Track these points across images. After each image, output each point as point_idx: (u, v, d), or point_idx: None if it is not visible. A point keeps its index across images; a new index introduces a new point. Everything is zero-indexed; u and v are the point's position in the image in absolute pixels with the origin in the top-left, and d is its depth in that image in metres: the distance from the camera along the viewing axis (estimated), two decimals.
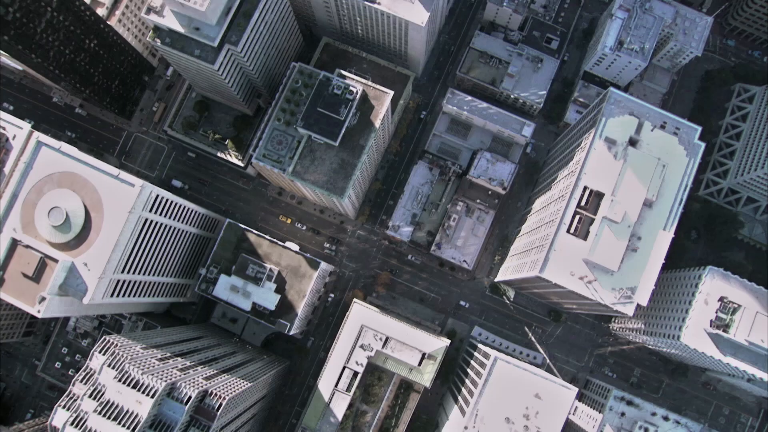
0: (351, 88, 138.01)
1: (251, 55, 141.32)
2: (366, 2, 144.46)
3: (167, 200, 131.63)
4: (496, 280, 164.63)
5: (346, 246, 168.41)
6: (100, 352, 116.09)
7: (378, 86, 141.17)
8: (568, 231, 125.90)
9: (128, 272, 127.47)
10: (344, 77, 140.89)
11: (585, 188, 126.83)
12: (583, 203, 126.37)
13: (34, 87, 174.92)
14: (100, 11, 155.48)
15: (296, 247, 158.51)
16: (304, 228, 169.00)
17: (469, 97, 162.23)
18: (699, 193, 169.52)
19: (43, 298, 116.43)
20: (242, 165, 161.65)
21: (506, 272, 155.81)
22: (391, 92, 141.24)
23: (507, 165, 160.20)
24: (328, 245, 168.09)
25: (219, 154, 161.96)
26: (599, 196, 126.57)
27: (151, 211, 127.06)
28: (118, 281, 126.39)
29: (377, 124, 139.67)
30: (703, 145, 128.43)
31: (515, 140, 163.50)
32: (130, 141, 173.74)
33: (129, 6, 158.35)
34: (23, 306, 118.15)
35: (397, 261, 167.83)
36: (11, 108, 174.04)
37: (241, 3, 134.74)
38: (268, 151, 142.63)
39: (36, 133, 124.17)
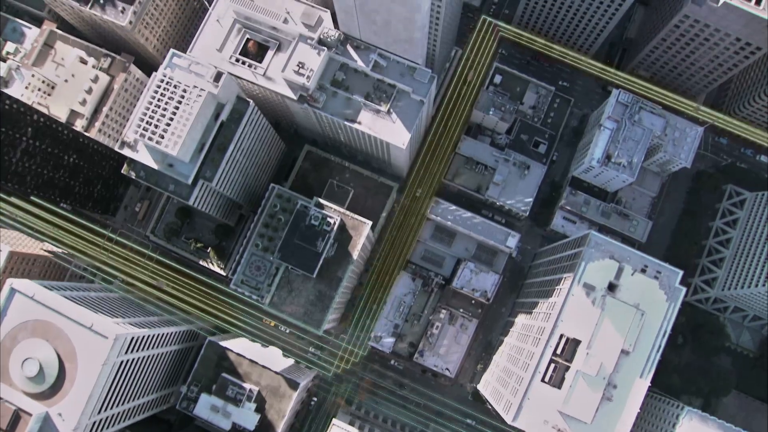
0: (328, 219, 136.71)
1: (228, 184, 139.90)
2: (346, 122, 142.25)
3: (144, 337, 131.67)
4: (478, 387, 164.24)
5: (329, 350, 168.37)
6: None
7: (356, 216, 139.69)
8: (542, 380, 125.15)
9: (105, 410, 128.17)
10: (321, 207, 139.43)
11: (561, 336, 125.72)
12: (559, 351, 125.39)
13: None
14: (80, 122, 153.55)
15: (279, 353, 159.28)
16: (288, 331, 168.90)
17: (453, 207, 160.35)
18: (686, 299, 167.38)
19: None
20: (224, 274, 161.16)
21: (487, 387, 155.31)
22: (369, 222, 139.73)
23: (490, 276, 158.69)
24: (312, 350, 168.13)
25: (201, 262, 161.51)
26: (576, 342, 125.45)
27: (127, 352, 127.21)
28: (95, 421, 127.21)
29: (355, 255, 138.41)
30: (683, 289, 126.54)
31: (500, 248, 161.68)
32: (116, 236, 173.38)
33: (109, 114, 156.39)
34: None
35: (380, 365, 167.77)
36: None
37: (216, 137, 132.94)
38: (246, 277, 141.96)
39: (10, 280, 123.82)
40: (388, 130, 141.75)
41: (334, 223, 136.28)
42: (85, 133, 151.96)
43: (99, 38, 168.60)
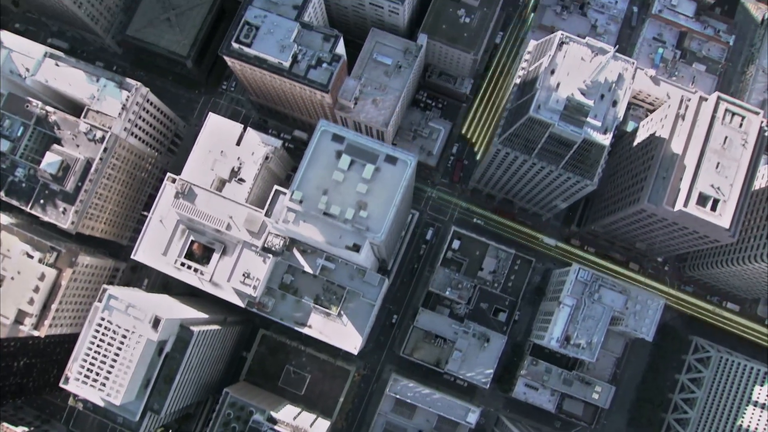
0: None
1: (179, 402, 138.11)
2: (295, 326, 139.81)
3: None
4: None
5: None
6: None
7: (308, 430, 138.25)
8: None
9: None
10: (275, 422, 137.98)
11: None
12: None
13: None
14: (28, 321, 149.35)
15: None
16: None
17: (412, 384, 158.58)
18: None
19: None
20: None
21: None
22: (325, 427, 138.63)
23: None
24: None
25: None
26: None
27: None
28: None
29: None
30: None
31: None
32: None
33: (59, 308, 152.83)
34: None
35: None
36: None
37: (162, 368, 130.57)
38: None
39: None
40: (339, 335, 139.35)
41: None
42: (35, 333, 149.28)
43: None
